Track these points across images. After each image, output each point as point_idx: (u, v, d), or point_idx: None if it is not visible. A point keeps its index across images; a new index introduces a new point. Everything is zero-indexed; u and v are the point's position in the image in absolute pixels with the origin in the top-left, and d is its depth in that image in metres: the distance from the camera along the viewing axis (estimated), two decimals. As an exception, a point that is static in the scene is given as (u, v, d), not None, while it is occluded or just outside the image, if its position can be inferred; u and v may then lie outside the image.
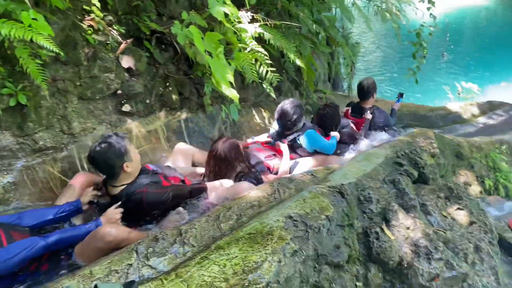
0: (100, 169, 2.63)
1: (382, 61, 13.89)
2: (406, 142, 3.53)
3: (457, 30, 16.50)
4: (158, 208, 2.63)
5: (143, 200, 2.55)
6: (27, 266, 2.16)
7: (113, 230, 2.24)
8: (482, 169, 5.23)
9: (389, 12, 6.67)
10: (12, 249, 2.07)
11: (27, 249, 2.09)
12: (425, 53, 7.02)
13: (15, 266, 2.09)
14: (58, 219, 2.51)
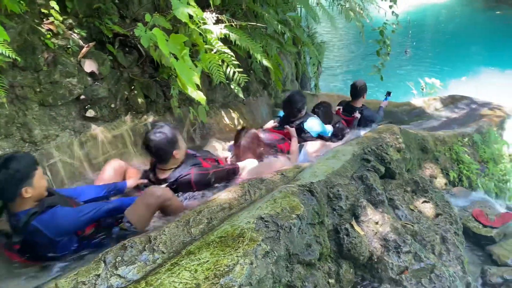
0: (153, 155, 2.98)
1: (348, 59, 14.14)
2: (372, 138, 3.60)
3: (419, 27, 17.01)
4: (204, 186, 3.01)
5: (192, 180, 2.95)
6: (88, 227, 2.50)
7: (161, 187, 2.66)
8: (446, 162, 5.40)
9: (353, 11, 6.80)
10: (83, 209, 2.43)
11: (94, 210, 2.44)
12: (389, 50, 7.18)
13: (85, 224, 2.44)
14: (104, 197, 2.82)
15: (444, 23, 18.54)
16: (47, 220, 2.25)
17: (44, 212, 2.26)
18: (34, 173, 2.25)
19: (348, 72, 13.10)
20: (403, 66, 12.42)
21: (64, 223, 2.32)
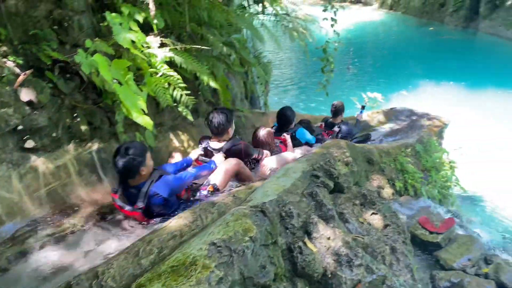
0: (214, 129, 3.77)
1: (296, 76, 14.51)
2: (321, 154, 3.69)
3: (359, 44, 17.86)
4: (248, 156, 3.88)
5: (243, 150, 3.83)
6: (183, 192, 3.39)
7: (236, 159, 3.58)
8: (392, 172, 5.63)
9: (296, 31, 7.01)
10: (180, 176, 3.21)
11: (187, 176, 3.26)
12: (333, 68, 7.46)
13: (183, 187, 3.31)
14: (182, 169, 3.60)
15: (382, 39, 19.59)
16: (161, 185, 3.02)
17: (158, 180, 3.04)
18: (146, 156, 3.01)
19: (298, 88, 13.44)
20: (347, 82, 12.94)
21: (172, 185, 3.08)
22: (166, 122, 4.43)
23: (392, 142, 6.51)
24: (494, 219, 7.60)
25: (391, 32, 20.89)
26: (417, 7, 22.16)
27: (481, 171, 8.73)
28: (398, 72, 14.31)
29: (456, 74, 13.76)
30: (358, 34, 19.04)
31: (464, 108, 11.31)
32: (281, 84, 13.71)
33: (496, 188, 8.40)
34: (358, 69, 14.39)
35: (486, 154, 9.43)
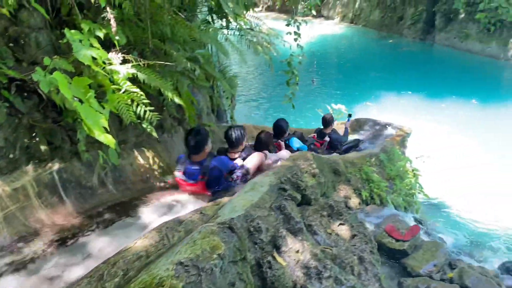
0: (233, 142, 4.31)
1: (261, 89, 14.63)
2: (288, 167, 3.71)
3: (322, 57, 18.28)
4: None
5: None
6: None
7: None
8: (358, 182, 5.73)
9: (260, 45, 7.09)
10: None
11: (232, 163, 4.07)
12: (297, 80, 7.57)
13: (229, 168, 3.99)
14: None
15: (345, 52, 20.13)
16: (218, 161, 3.86)
17: (215, 158, 3.90)
18: (208, 139, 3.86)
19: (265, 101, 13.55)
20: (312, 94, 13.17)
21: (226, 163, 3.94)
22: (130, 139, 4.35)
23: (357, 152, 6.64)
24: (458, 223, 7.86)
25: (353, 45, 21.52)
26: (376, 20, 22.96)
27: (443, 178, 9.04)
28: (361, 84, 14.70)
29: (415, 84, 14.29)
30: (321, 47, 19.48)
31: (424, 117, 11.74)
32: (249, 97, 13.79)
33: (458, 193, 8.72)
34: (323, 81, 14.69)
35: (447, 161, 9.79)
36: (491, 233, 7.57)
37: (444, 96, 13.28)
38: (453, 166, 9.61)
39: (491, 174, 9.38)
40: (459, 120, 11.55)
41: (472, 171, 9.41)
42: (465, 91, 13.74)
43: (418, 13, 20.52)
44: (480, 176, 9.24)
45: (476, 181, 9.06)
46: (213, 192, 3.85)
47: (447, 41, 19.06)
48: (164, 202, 3.75)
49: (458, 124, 11.36)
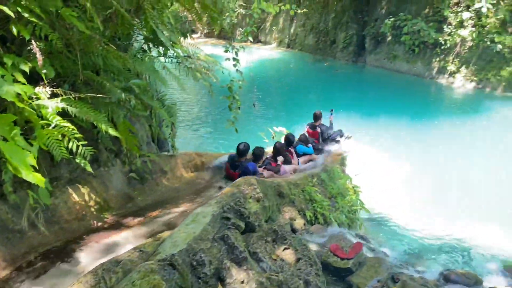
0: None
1: (204, 115, 14.59)
2: (231, 194, 3.69)
3: (262, 81, 18.66)
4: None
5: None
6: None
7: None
8: (301, 203, 5.82)
9: (199, 72, 7.09)
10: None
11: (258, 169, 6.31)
12: (239, 105, 7.64)
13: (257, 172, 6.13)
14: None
15: (283, 76, 20.71)
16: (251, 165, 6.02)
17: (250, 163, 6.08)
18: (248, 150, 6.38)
19: (208, 126, 13.49)
20: (254, 117, 13.34)
21: (254, 167, 6.08)
22: (63, 176, 4.11)
23: (299, 173, 6.76)
24: (399, 235, 8.16)
25: (291, 68, 22.22)
26: (311, 45, 23.96)
27: (382, 193, 9.43)
28: (301, 105, 15.12)
29: (351, 104, 14.94)
30: (261, 72, 19.90)
31: (362, 135, 12.26)
32: (192, 124, 13.68)
33: (397, 207, 9.10)
34: (264, 104, 14.95)
35: (385, 176, 10.23)
36: (432, 242, 7.94)
37: (379, 113, 14.00)
38: (390, 181, 10.05)
39: (426, 186, 9.93)
40: (393, 136, 12.18)
41: (409, 184, 9.90)
42: (397, 108, 14.59)
43: (349, 37, 21.70)
44: (416, 189, 9.74)
45: (412, 194, 9.53)
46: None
47: (377, 62, 20.27)
48: (103, 243, 3.55)
49: (393, 139, 11.98)
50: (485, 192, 9.45)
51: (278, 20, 26.26)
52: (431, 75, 17.97)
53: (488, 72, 16.14)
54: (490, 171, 10.46)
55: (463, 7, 16.95)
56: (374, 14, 20.79)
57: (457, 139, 12.06)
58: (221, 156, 7.41)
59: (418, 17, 18.38)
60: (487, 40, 15.96)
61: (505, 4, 15.73)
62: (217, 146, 11.79)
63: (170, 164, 5.91)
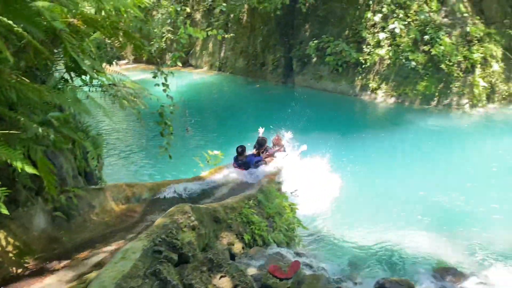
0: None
1: (136, 143, 14.15)
2: (162, 226, 3.56)
3: (195, 105, 18.58)
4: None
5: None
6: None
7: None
8: (239, 227, 5.79)
9: (126, 99, 6.89)
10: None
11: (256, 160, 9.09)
12: (172, 130, 7.51)
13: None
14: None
15: (216, 99, 20.81)
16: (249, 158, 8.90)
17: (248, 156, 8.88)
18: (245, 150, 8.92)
19: (140, 154, 13.06)
20: (188, 142, 13.19)
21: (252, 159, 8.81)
22: (-25, 221, 3.74)
23: (235, 196, 6.74)
24: (336, 249, 8.35)
25: (223, 91, 22.39)
26: (242, 67, 24.39)
27: (317, 208, 9.68)
28: (234, 128, 15.24)
29: (283, 123, 15.33)
30: (193, 96, 19.84)
31: (295, 152, 12.57)
32: (122, 153, 13.19)
33: (333, 220, 9.37)
34: (197, 128, 14.86)
35: (320, 191, 10.52)
36: (368, 252, 8.22)
37: (309, 131, 14.46)
38: (325, 195, 10.35)
39: (360, 197, 10.35)
40: (325, 152, 12.61)
41: (343, 197, 10.26)
42: (326, 124, 15.23)
43: (277, 59, 22.41)
44: (350, 201, 10.12)
45: (347, 207, 9.88)
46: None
47: (305, 82, 21.09)
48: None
49: (324, 155, 12.40)
50: (413, 199, 10.04)
51: (207, 44, 26.48)
52: (355, 92, 19.03)
53: (406, 87, 17.41)
54: (415, 179, 11.17)
55: (379, 28, 18.27)
56: (299, 37, 21.71)
57: (383, 151, 12.80)
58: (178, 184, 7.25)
59: (339, 39, 19.48)
60: (402, 58, 17.28)
61: (415, 25, 17.20)
62: (151, 175, 11.44)
63: (99, 198, 5.62)
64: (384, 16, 18.04)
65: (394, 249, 8.35)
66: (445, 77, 16.58)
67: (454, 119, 15.83)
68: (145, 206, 6.24)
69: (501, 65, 16.69)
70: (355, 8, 19.40)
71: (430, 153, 12.73)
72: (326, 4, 20.01)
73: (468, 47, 16.54)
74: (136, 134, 15.06)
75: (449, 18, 16.99)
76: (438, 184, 10.73)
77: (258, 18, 23.03)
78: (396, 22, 17.44)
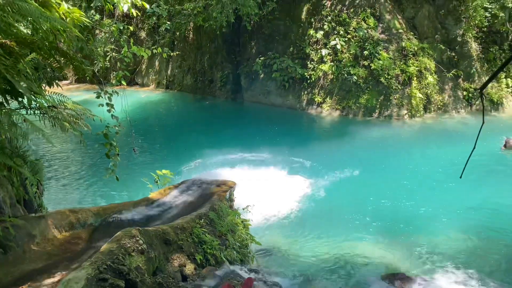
0: None
1: (80, 166, 13.56)
2: (108, 252, 3.43)
3: (142, 124, 18.22)
4: None
5: None
6: None
7: None
8: (190, 247, 5.68)
9: (67, 121, 6.64)
10: None
11: None
12: (118, 151, 7.29)
13: None
14: None
15: (164, 117, 20.50)
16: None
17: None
18: None
19: (85, 178, 12.52)
20: (136, 163, 12.85)
21: None
22: None
23: (186, 216, 6.61)
24: (291, 262, 8.40)
25: (171, 109, 22.13)
26: (190, 84, 24.29)
27: (272, 222, 9.75)
28: (184, 145, 15.05)
29: (234, 139, 15.38)
30: (140, 115, 19.45)
31: (246, 168, 12.64)
32: (66, 178, 12.58)
33: (286, 234, 9.46)
34: (145, 148, 14.53)
35: (272, 205, 10.61)
36: (321, 264, 8.34)
37: (259, 145, 14.62)
38: (277, 209, 10.45)
39: (311, 209, 10.53)
40: (275, 165, 12.76)
41: (295, 210, 10.41)
42: (275, 138, 15.46)
43: (225, 76, 22.57)
44: (302, 213, 10.28)
45: (299, 219, 10.03)
46: None
47: (254, 98, 21.36)
48: None
49: (275, 168, 12.54)
50: (362, 208, 10.37)
51: (153, 62, 26.16)
52: (302, 106, 19.54)
53: (349, 101, 18.14)
54: (363, 187, 11.57)
55: (322, 45, 18.97)
56: (246, 54, 22.04)
57: (331, 162, 13.16)
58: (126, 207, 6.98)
59: (285, 55, 20.01)
60: (344, 73, 18.02)
61: (355, 41, 18.05)
62: (98, 198, 10.98)
63: (39, 227, 5.30)
64: (326, 33, 18.78)
65: (346, 259, 8.54)
66: (385, 90, 17.49)
67: (395, 128, 16.67)
68: (91, 232, 5.95)
69: (435, 77, 17.87)
70: (298, 26, 20.06)
71: (375, 162, 13.27)
72: (270, 22, 20.52)
73: (405, 61, 17.59)
74: (81, 156, 14.46)
75: (385, 34, 18.01)
76: (385, 191, 11.19)
77: (204, 35, 23.14)
78: (337, 38, 18.22)
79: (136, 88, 26.16)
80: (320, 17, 19.21)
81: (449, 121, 17.41)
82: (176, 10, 21.10)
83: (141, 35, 26.20)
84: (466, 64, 18.73)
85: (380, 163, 13.18)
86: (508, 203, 10.12)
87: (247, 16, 18.94)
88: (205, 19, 19.31)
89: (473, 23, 18.75)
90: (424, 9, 18.85)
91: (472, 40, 18.95)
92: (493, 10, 18.73)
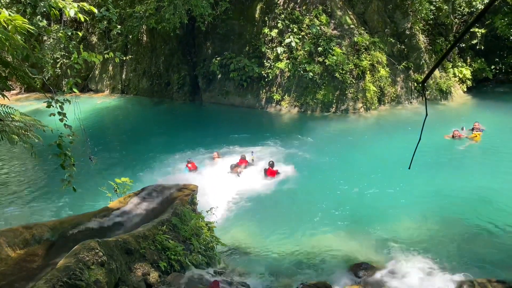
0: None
1: (32, 181, 12.93)
2: (64, 268, 3.31)
3: (98, 132, 17.70)
4: None
5: None
6: None
7: None
8: (153, 255, 5.58)
9: (16, 134, 6.35)
10: None
11: None
12: (73, 161, 7.03)
13: None
14: None
15: (121, 123, 19.99)
16: None
17: None
18: None
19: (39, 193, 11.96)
20: (93, 173, 12.44)
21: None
22: None
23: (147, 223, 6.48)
24: (258, 261, 8.41)
25: (128, 114, 21.59)
26: (146, 88, 23.81)
27: (237, 222, 9.74)
28: (143, 151, 14.72)
29: (194, 141, 15.22)
30: (95, 122, 18.87)
31: (209, 168, 12.58)
32: (19, 193, 11.99)
33: (252, 233, 9.47)
34: (103, 156, 14.09)
35: (236, 204, 10.61)
36: (288, 260, 8.39)
37: (222, 145, 14.58)
38: (241, 208, 10.46)
39: (276, 205, 10.61)
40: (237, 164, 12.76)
41: (259, 207, 10.45)
42: (235, 138, 15.45)
43: (182, 78, 22.29)
44: (267, 210, 10.33)
45: (264, 216, 10.07)
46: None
47: (213, 99, 21.25)
48: None
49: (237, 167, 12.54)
50: (325, 201, 10.54)
51: (107, 67, 25.46)
52: (261, 105, 19.65)
53: (307, 97, 18.42)
54: (325, 181, 11.78)
55: (277, 43, 19.14)
56: (202, 54, 21.88)
57: (292, 157, 13.33)
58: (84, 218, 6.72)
59: (241, 55, 20.02)
60: (300, 70, 18.28)
61: (309, 38, 18.33)
62: (55, 212, 10.51)
63: (-8, 245, 5.03)
64: (280, 31, 18.97)
65: (312, 252, 8.66)
66: (340, 85, 17.90)
67: (352, 122, 17.11)
68: (48, 248, 5.71)
69: (387, 70, 18.48)
70: (252, 25, 20.13)
71: (334, 155, 13.55)
72: (224, 22, 20.47)
73: (357, 55, 18.08)
74: (34, 169, 13.84)
75: (338, 30, 18.43)
76: (345, 183, 11.45)
77: (158, 38, 22.76)
78: (291, 36, 18.44)
79: (90, 95, 25.37)
80: (274, 15, 19.38)
81: (403, 111, 18.06)
82: (128, 13, 20.58)
83: (92, 39, 25.43)
84: (416, 56, 19.50)
85: (339, 157, 13.48)
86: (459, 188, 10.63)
87: (201, 17, 18.78)
88: (158, 21, 18.98)
89: (419, 16, 19.54)
90: (373, 4, 19.42)
91: (420, 33, 19.75)
92: (438, 3, 19.61)
